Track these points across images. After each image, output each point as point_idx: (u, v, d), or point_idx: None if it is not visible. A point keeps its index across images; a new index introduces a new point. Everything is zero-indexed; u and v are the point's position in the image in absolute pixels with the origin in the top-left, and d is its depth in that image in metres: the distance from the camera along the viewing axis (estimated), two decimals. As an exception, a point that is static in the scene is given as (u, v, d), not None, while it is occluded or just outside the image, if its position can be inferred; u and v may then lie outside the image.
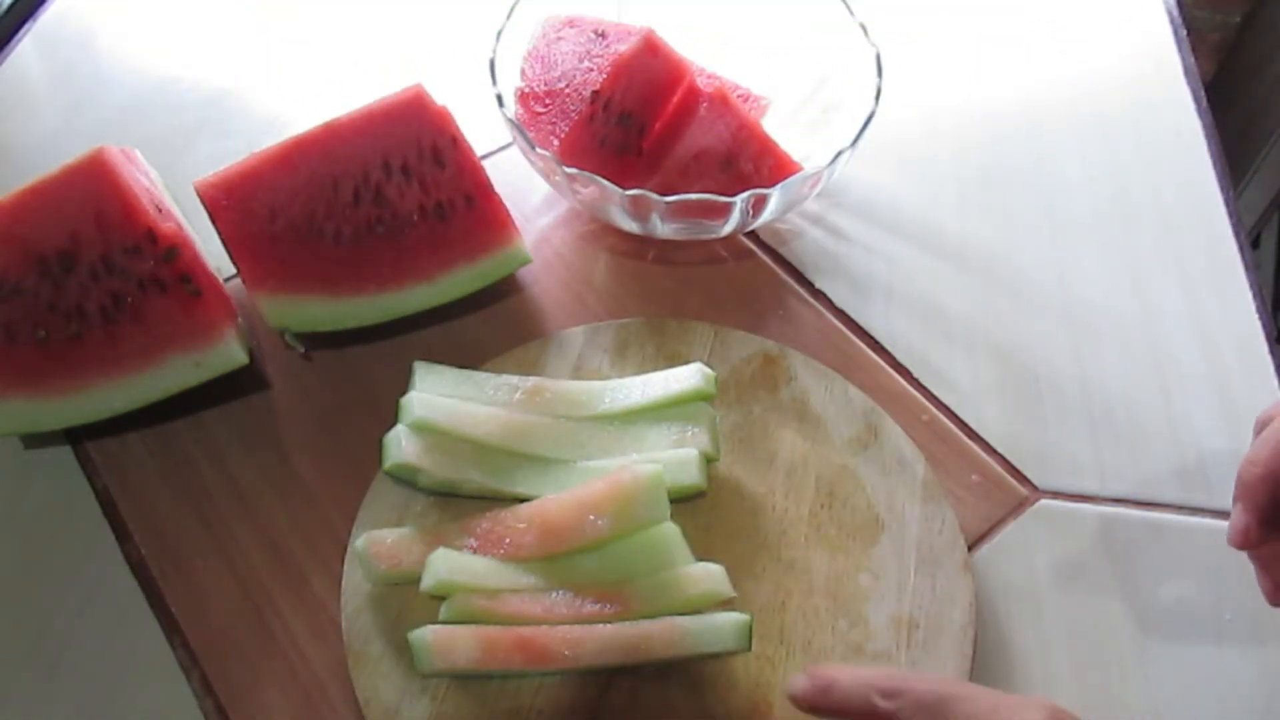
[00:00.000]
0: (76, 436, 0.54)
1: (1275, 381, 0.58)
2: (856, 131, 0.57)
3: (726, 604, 0.47)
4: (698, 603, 0.46)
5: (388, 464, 0.49)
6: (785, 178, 0.57)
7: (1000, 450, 0.55)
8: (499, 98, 0.58)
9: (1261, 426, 0.47)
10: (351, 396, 0.56)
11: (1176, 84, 0.74)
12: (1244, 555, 0.46)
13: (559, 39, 0.64)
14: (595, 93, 0.59)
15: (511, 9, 0.62)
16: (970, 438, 0.55)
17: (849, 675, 0.39)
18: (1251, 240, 1.40)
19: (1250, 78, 1.46)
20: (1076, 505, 0.53)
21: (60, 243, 0.50)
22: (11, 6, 0.76)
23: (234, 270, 0.55)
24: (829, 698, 0.39)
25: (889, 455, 0.53)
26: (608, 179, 0.55)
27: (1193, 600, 0.50)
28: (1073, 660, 0.49)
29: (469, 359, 0.55)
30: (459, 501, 0.50)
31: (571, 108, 0.62)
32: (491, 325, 0.59)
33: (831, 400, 0.55)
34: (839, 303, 0.61)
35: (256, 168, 0.53)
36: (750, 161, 0.59)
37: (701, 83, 0.59)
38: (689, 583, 0.46)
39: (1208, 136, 0.70)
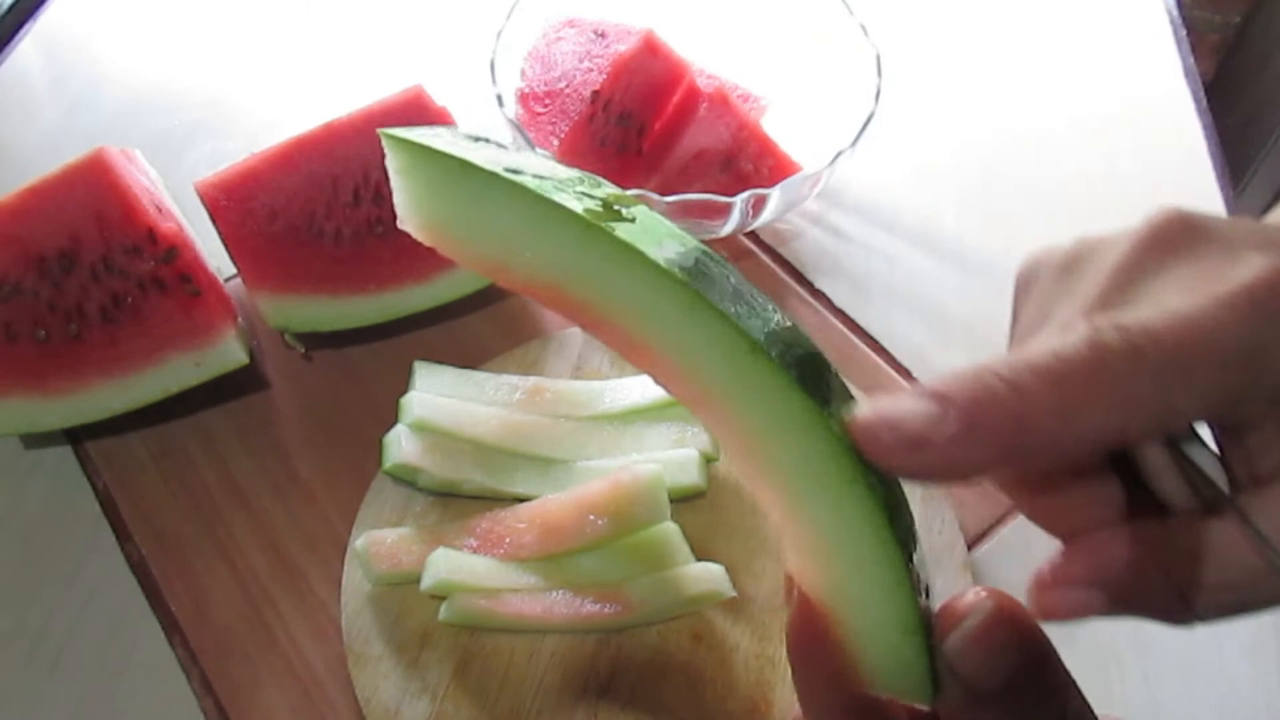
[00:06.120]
0: (76, 436, 0.54)
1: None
2: (856, 131, 0.57)
3: (727, 604, 0.47)
4: (698, 603, 0.46)
5: (388, 464, 0.49)
6: (785, 178, 0.57)
7: (1000, 450, 0.55)
8: (499, 98, 0.58)
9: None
10: (351, 396, 0.56)
11: (1176, 84, 0.74)
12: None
13: (559, 39, 0.64)
14: (595, 93, 0.59)
15: (511, 9, 0.62)
16: (970, 438, 0.55)
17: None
18: (1251, 240, 1.40)
19: (1250, 78, 1.46)
20: (1076, 505, 0.53)
21: (60, 243, 0.50)
22: (12, 6, 0.76)
23: (234, 270, 0.55)
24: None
25: (889, 455, 0.52)
26: (608, 179, 0.55)
27: (1193, 600, 0.50)
28: (1072, 660, 0.48)
29: (469, 359, 0.55)
30: (459, 501, 0.50)
31: (571, 108, 0.62)
32: (491, 325, 0.59)
33: (831, 400, 0.55)
34: (839, 303, 0.61)
35: (256, 168, 0.53)
36: (750, 161, 0.59)
37: (701, 83, 0.59)
38: (689, 583, 0.46)
39: (1208, 136, 0.70)
